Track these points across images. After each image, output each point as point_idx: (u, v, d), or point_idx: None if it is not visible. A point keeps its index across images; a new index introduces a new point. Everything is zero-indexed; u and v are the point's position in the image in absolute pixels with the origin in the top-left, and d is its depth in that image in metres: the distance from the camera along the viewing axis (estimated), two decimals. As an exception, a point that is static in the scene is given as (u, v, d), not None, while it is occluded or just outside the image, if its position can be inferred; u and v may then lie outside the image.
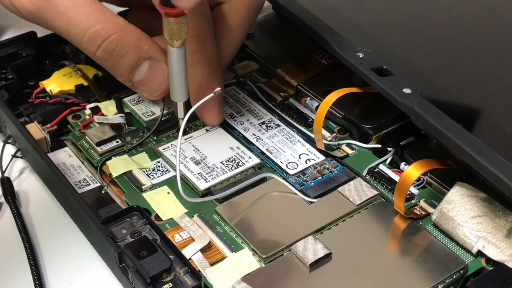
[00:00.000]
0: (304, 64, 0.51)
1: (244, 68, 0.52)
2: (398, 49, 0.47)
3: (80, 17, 0.41)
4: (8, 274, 0.40)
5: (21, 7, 0.43)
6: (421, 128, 0.39)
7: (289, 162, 0.43)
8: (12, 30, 0.59)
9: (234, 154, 0.44)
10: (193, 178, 0.42)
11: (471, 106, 0.42)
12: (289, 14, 0.47)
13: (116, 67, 0.43)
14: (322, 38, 0.44)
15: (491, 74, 0.45)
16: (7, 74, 0.49)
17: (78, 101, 0.48)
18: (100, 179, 0.43)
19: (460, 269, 0.36)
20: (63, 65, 0.50)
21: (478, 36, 0.48)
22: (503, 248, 0.36)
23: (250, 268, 0.37)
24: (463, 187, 0.38)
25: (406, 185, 0.38)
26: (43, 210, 0.44)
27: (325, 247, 0.37)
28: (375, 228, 0.39)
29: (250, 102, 0.48)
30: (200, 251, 0.37)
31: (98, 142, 0.44)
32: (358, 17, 0.50)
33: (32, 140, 0.43)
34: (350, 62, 0.42)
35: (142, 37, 0.43)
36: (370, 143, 0.45)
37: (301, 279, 0.36)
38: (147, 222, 0.38)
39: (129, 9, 0.52)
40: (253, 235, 0.38)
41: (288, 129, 0.46)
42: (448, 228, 0.38)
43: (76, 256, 0.40)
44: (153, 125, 0.46)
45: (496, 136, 0.40)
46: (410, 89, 0.40)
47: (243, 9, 0.45)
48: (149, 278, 0.35)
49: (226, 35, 0.45)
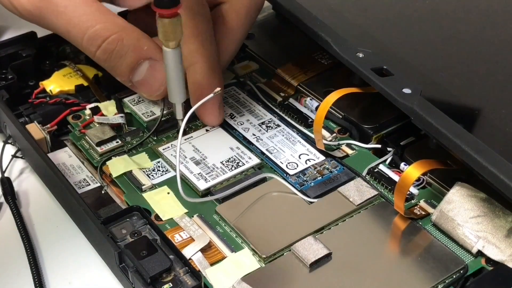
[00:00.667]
0: (304, 64, 0.51)
1: (244, 68, 0.52)
2: (398, 49, 0.47)
3: (79, 17, 0.41)
4: (8, 274, 0.40)
5: (20, 7, 0.43)
6: (421, 128, 0.39)
7: (289, 162, 0.43)
8: (12, 30, 0.59)
9: (234, 154, 0.44)
10: (193, 178, 0.42)
11: (471, 106, 0.42)
12: (289, 14, 0.47)
13: (115, 67, 0.43)
14: (322, 38, 0.44)
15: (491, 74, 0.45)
16: (7, 74, 0.49)
17: (78, 101, 0.48)
18: (100, 179, 0.43)
19: (460, 269, 0.36)
20: (63, 65, 0.50)
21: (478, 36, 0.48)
22: (503, 248, 0.36)
23: (250, 268, 0.37)
24: (463, 187, 0.38)
25: (406, 185, 0.38)
26: (43, 210, 0.44)
27: (325, 247, 0.37)
28: (375, 228, 0.39)
29: (250, 102, 0.48)
30: (200, 251, 0.37)
31: (98, 142, 0.44)
32: (358, 17, 0.50)
33: (32, 140, 0.43)
34: (350, 62, 0.42)
35: (142, 37, 0.43)
36: (370, 143, 0.45)
37: (301, 279, 0.36)
38: (147, 222, 0.38)
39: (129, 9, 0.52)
40: (253, 235, 0.38)
41: (288, 129, 0.46)
42: (448, 228, 0.38)
43: (76, 256, 0.40)
44: (153, 125, 0.46)
45: (496, 136, 0.40)
46: (410, 89, 0.40)
47: (242, 9, 0.46)
48: (149, 278, 0.35)
49: (226, 35, 0.45)
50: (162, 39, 0.40)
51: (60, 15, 0.42)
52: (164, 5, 0.38)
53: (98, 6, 0.42)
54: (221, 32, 0.45)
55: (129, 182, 0.42)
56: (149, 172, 0.43)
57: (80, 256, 0.40)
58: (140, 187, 0.42)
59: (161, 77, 0.43)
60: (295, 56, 0.51)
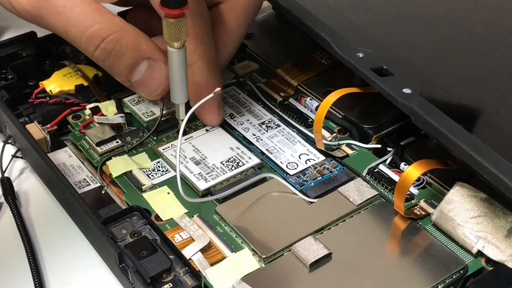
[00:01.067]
0: (304, 64, 0.51)
1: (244, 68, 0.52)
2: (398, 49, 0.47)
3: (78, 17, 0.41)
4: (8, 274, 0.40)
5: (19, 7, 0.43)
6: (421, 128, 0.39)
7: (289, 162, 0.43)
8: (12, 30, 0.59)
9: (234, 154, 0.44)
10: (193, 178, 0.42)
11: (471, 106, 0.42)
12: (289, 14, 0.47)
13: (114, 67, 0.43)
14: (322, 38, 0.44)
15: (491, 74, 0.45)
16: (7, 74, 0.49)
17: (78, 101, 0.48)
18: (100, 179, 0.43)
19: (460, 269, 0.36)
20: (63, 65, 0.50)
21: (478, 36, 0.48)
22: (503, 248, 0.36)
23: (250, 268, 0.37)
24: (463, 187, 0.38)
25: (406, 185, 0.38)
26: (43, 210, 0.44)
27: (325, 247, 0.37)
28: (375, 228, 0.39)
29: (250, 102, 0.48)
30: (200, 251, 0.37)
31: (98, 142, 0.44)
32: (358, 17, 0.50)
33: (32, 140, 0.43)
34: (350, 62, 0.42)
35: (140, 37, 0.43)
36: (370, 143, 0.45)
37: (301, 279, 0.36)
38: (147, 222, 0.38)
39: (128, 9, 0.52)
40: (253, 235, 0.38)
41: (288, 129, 0.46)
42: (448, 228, 0.38)
43: (76, 256, 0.40)
44: (153, 125, 0.46)
45: (496, 136, 0.40)
46: (410, 89, 0.40)
47: (241, 9, 0.46)
48: (149, 278, 0.35)
49: (225, 35, 0.45)
50: (167, 39, 0.40)
51: (59, 15, 0.42)
52: (171, 5, 0.38)
53: (97, 6, 0.42)
54: (220, 32, 0.45)
55: (129, 182, 0.42)
56: (149, 172, 0.43)
57: (80, 256, 0.40)
58: (140, 187, 0.42)
59: (160, 76, 0.43)
60: (295, 56, 0.51)
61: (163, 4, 0.38)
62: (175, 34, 0.39)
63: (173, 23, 0.39)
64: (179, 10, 0.38)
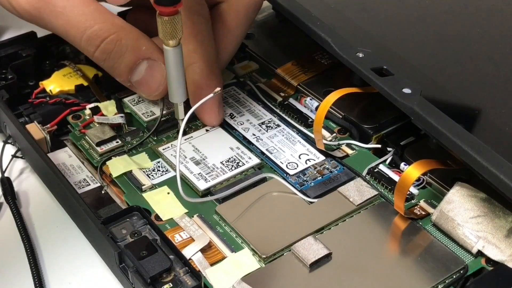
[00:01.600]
0: (304, 64, 0.51)
1: (244, 68, 0.52)
2: (398, 49, 0.47)
3: (78, 17, 0.41)
4: (8, 274, 0.40)
5: (19, 8, 0.43)
6: (421, 128, 0.39)
7: (289, 162, 0.43)
8: (12, 30, 0.59)
9: (234, 154, 0.44)
10: (193, 178, 0.42)
11: (471, 106, 0.42)
12: (289, 14, 0.47)
13: (114, 67, 0.43)
14: (322, 38, 0.44)
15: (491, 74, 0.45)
16: (7, 74, 0.49)
17: (78, 101, 0.48)
18: (100, 179, 0.43)
19: (460, 269, 0.36)
20: (63, 65, 0.50)
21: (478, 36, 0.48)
22: (503, 248, 0.36)
23: (250, 268, 0.37)
24: (463, 187, 0.38)
25: (406, 185, 0.38)
26: (43, 210, 0.44)
27: (325, 247, 0.37)
28: (375, 228, 0.39)
29: (250, 102, 0.48)
30: (200, 251, 0.37)
31: (98, 142, 0.44)
32: (358, 17, 0.50)
33: (32, 140, 0.43)
34: (350, 62, 0.42)
35: (140, 37, 0.43)
36: (370, 143, 0.45)
37: (301, 279, 0.36)
38: (147, 222, 0.38)
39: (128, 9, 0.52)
40: (253, 235, 0.38)
41: (288, 129, 0.46)
42: (448, 228, 0.38)
43: (76, 256, 0.40)
44: (153, 125, 0.46)
45: (496, 136, 0.40)
46: (410, 89, 0.40)
47: (241, 9, 0.46)
48: (149, 278, 0.35)
49: (225, 34, 0.45)
50: (162, 38, 0.40)
51: (59, 15, 0.42)
52: (165, 2, 0.38)
53: (97, 6, 0.42)
54: (220, 32, 0.45)
55: (129, 182, 0.42)
56: (149, 172, 0.43)
57: (80, 256, 0.40)
58: (140, 187, 0.42)
59: (160, 77, 0.43)
60: (295, 56, 0.51)
61: (156, 2, 0.38)
62: (169, 32, 0.39)
63: (167, 20, 0.39)
64: (173, 7, 0.38)
